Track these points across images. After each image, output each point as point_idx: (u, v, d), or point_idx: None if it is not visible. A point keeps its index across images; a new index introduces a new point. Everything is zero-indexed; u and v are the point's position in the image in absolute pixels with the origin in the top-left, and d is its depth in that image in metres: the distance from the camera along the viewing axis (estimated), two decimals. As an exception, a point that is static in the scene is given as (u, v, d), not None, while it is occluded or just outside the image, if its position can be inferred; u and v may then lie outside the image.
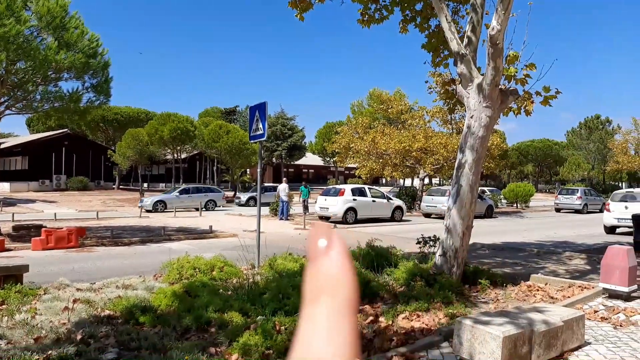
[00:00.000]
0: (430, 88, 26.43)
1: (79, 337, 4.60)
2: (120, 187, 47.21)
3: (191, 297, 5.84)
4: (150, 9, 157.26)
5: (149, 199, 26.78)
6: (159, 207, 26.16)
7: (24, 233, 13.95)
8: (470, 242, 7.94)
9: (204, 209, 26.30)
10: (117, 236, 14.12)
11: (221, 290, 6.23)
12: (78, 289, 6.63)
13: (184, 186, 30.12)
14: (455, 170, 7.53)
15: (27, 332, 4.74)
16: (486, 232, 16.34)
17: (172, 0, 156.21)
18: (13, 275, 6.83)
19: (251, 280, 6.62)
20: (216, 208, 28.11)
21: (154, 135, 36.56)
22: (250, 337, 4.34)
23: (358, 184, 31.79)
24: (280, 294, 5.70)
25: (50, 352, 4.13)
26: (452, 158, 24.61)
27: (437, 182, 47.43)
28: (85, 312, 5.50)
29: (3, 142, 43.57)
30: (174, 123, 36.20)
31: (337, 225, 19.01)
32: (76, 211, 25.70)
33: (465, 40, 7.51)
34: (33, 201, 31.80)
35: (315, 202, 22.03)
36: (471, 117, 7.23)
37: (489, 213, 24.83)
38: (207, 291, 5.98)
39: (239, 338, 4.39)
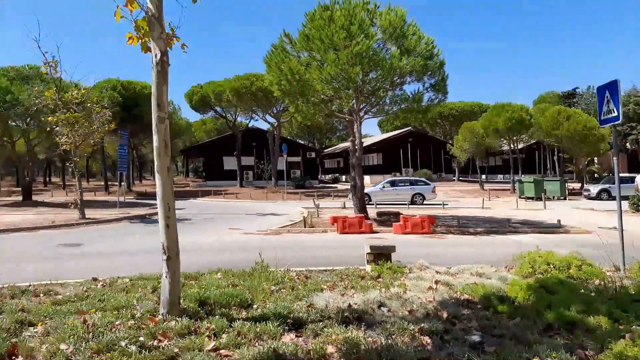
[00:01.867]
0: None
1: (444, 315, 5.06)
2: (460, 178, 49.46)
3: (548, 294, 5.63)
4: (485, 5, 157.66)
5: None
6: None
7: (385, 219, 16.34)
8: None
9: (410, 204, 25.47)
10: (463, 225, 14.89)
11: (582, 290, 5.77)
12: (437, 272, 7.33)
13: (388, 179, 29.09)
14: None
15: (401, 304, 5.50)
16: None
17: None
18: (384, 254, 8.12)
19: (618, 283, 5.89)
20: (425, 202, 26.32)
21: (488, 127, 36.64)
22: (627, 347, 3.89)
23: None
24: (659, 303, 4.88)
25: (422, 324, 4.69)
26: None
27: None
28: (446, 293, 6.03)
29: (363, 142, 52.57)
30: (507, 113, 35.32)
31: None
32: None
33: None
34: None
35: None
36: None
37: None
38: (565, 289, 5.65)
39: (612, 345, 3.99)
